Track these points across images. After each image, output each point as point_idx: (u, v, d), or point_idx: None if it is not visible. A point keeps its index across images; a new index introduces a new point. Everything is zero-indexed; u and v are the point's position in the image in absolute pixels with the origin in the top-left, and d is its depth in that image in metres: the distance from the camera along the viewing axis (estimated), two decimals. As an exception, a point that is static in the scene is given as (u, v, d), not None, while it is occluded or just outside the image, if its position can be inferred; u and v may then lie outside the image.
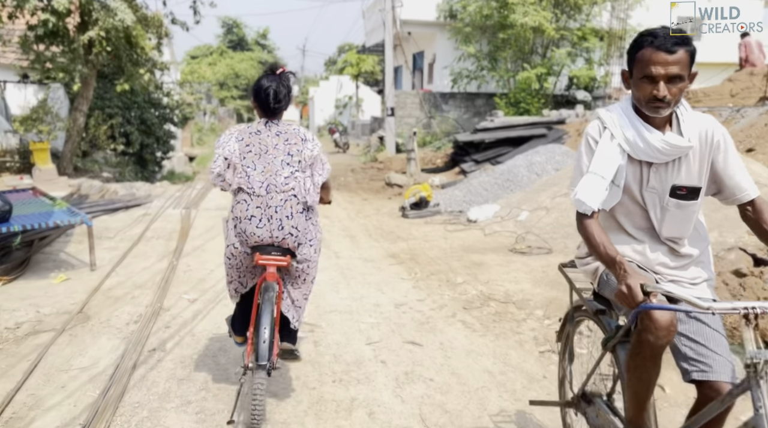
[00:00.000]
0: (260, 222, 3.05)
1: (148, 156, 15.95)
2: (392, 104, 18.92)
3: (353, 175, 15.40)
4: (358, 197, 11.83)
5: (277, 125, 3.20)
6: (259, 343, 2.85)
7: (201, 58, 54.30)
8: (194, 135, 30.68)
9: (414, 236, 8.00)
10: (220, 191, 3.41)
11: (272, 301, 2.98)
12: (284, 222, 3.06)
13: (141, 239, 7.66)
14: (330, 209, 10.16)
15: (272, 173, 3.07)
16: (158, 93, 16.82)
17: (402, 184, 12.50)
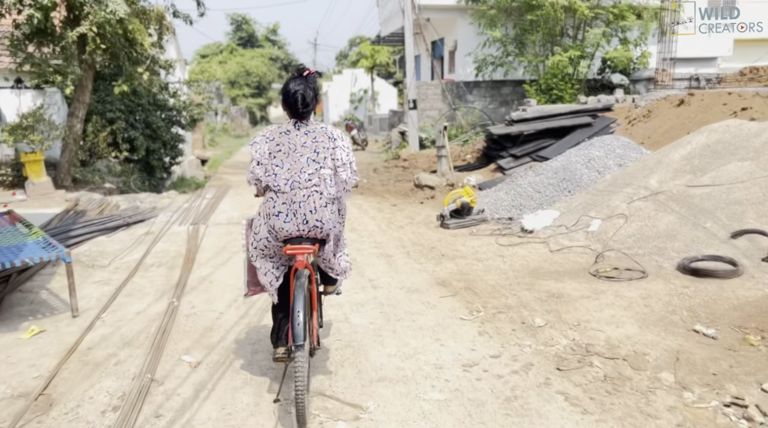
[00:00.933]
0: (287, 217, 3.26)
1: (155, 162, 14.81)
2: (414, 96, 17.58)
3: (377, 175, 14.11)
4: (386, 202, 10.54)
5: (306, 125, 3.41)
6: (294, 326, 3.02)
7: (211, 56, 53.34)
8: (206, 136, 29.60)
9: (461, 252, 6.70)
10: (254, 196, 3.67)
11: (304, 286, 3.15)
12: (308, 216, 3.25)
13: (139, 268, 6.45)
14: (357, 219, 8.89)
15: (297, 170, 3.28)
16: (164, 94, 15.65)
17: (433, 185, 11.18)
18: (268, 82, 52.57)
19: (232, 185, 13.49)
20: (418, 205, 10.12)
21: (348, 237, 7.64)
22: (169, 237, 8.06)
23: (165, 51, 15.11)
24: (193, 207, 10.38)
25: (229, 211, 10.00)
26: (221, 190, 12.56)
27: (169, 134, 15.34)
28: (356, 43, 73.11)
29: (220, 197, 11.53)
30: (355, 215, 9.30)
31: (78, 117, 11.49)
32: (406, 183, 12.41)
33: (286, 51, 58.04)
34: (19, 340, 4.45)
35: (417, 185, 11.43)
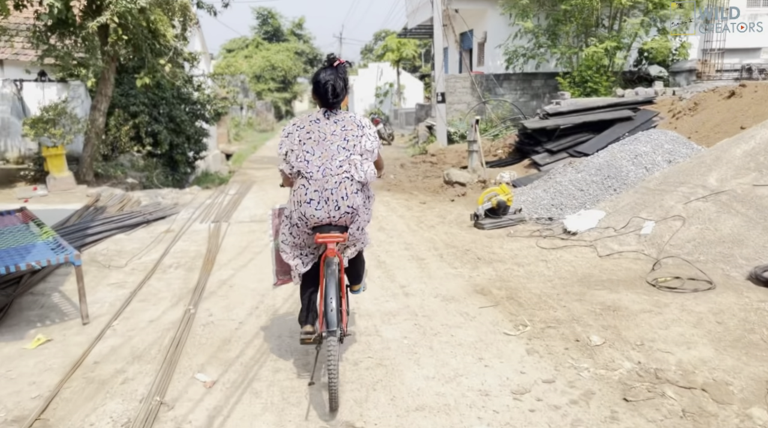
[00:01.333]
0: (318, 204, 3.30)
1: (179, 157, 14.54)
2: (442, 89, 17.03)
3: (404, 171, 13.63)
4: (415, 199, 10.05)
5: (336, 114, 3.44)
6: (327, 312, 3.10)
7: (237, 51, 53.30)
8: (231, 131, 29.41)
9: (499, 256, 6.19)
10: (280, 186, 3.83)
11: (335, 274, 3.23)
12: (340, 203, 3.30)
13: (156, 270, 6.09)
14: (385, 218, 8.44)
15: (328, 158, 3.31)
16: (188, 87, 15.37)
17: (464, 182, 10.65)
18: (294, 76, 52.36)
19: (256, 181, 13.13)
20: (448, 203, 9.62)
21: (376, 237, 7.20)
22: (189, 236, 7.71)
23: (188, 43, 14.82)
24: (215, 204, 10.04)
25: (252, 208, 9.62)
26: (245, 186, 12.21)
27: (192, 128, 15.06)
28: (381, 37, 72.45)
29: (244, 193, 11.17)
30: (382, 213, 8.85)
31: (100, 110, 11.23)
32: (435, 179, 11.91)
33: (312, 45, 57.74)
34: (24, 351, 4.10)
35: (447, 181, 10.92)
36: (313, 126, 3.41)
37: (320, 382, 3.48)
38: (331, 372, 3.03)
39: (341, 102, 3.47)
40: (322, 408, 3.21)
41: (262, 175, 14.43)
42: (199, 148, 15.56)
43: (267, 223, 3.82)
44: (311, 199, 3.29)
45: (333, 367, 3.03)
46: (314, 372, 3.53)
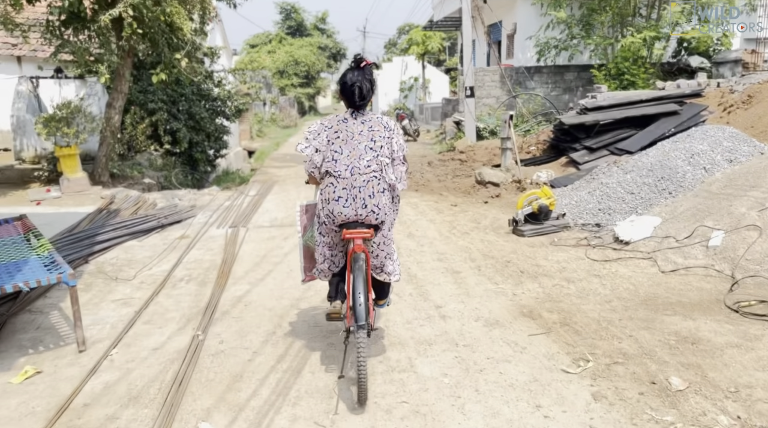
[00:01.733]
0: (346, 202, 3.35)
1: (199, 155, 14.09)
2: (471, 83, 16.30)
3: (431, 169, 12.99)
4: (445, 201, 9.41)
5: (363, 115, 3.52)
6: (356, 307, 3.15)
7: (260, 46, 53.05)
8: (253, 127, 29.02)
9: (545, 269, 5.54)
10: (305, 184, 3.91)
11: (362, 269, 3.26)
12: (367, 201, 3.35)
13: (166, 284, 5.57)
14: (414, 222, 7.82)
15: (356, 157, 3.38)
16: (208, 83, 14.91)
17: (498, 182, 9.97)
18: (317, 71, 51.90)
19: (278, 180, 12.61)
20: (481, 205, 8.96)
21: (405, 245, 6.60)
22: (204, 243, 7.19)
23: (207, 37, 14.35)
24: (234, 206, 9.53)
25: (273, 211, 9.08)
26: (266, 186, 11.69)
27: (213, 126, 14.60)
28: (405, 31, 71.65)
29: (264, 194, 10.65)
30: (410, 216, 8.23)
31: (116, 108, 10.80)
32: (466, 179, 11.24)
33: (335, 40, 57.23)
34: (8, 386, 3.59)
35: (479, 181, 10.25)
36: (341, 125, 3.48)
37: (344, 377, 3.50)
38: (360, 366, 3.07)
39: (368, 103, 3.53)
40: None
41: (284, 174, 13.90)
42: (219, 146, 15.11)
43: (295, 219, 3.95)
44: (339, 197, 3.35)
45: (362, 361, 3.07)
46: (343, 366, 3.60)
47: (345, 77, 3.48)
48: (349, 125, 3.46)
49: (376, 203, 3.36)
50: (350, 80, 3.44)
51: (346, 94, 3.47)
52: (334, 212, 3.36)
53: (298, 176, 13.33)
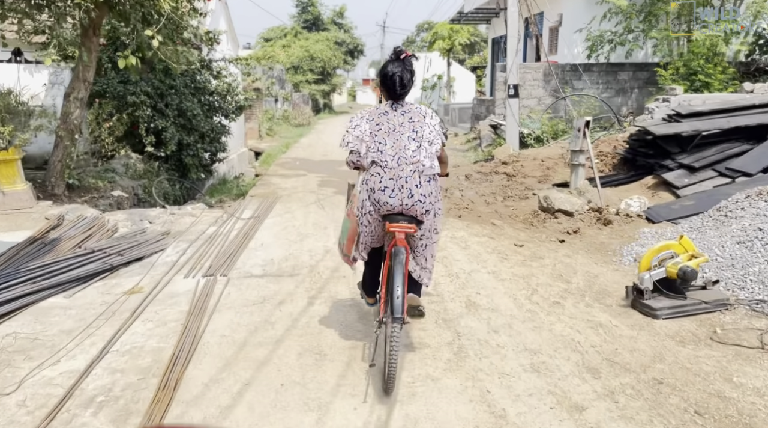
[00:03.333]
0: (392, 192, 3.38)
1: (189, 160, 11.70)
2: (516, 81, 13.78)
3: (472, 185, 10.49)
4: (504, 236, 6.92)
5: (402, 106, 3.55)
6: (393, 299, 3.16)
7: (275, 40, 50.80)
8: (263, 125, 26.63)
9: (741, 406, 3.05)
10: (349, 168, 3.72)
11: (402, 263, 3.29)
12: (413, 191, 3.38)
13: (57, 415, 3.14)
14: (471, 276, 5.34)
15: (401, 147, 3.42)
16: (204, 74, 12.53)
17: (571, 210, 7.46)
18: (333, 67, 49.50)
19: (282, 196, 10.16)
20: (557, 245, 6.47)
21: (468, 327, 4.18)
22: (159, 306, 4.76)
23: (205, 18, 11.96)
24: (219, 234, 7.11)
25: (269, 246, 6.63)
26: (265, 203, 9.25)
27: (209, 124, 12.20)
28: (424, 29, 69.20)
29: (261, 217, 8.21)
30: (462, 264, 5.77)
31: (77, 100, 8.41)
32: (522, 202, 8.75)
33: (353, 35, 54.79)
34: None
35: (545, 208, 7.75)
36: (382, 118, 3.52)
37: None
38: (392, 357, 3.13)
39: (408, 93, 3.57)
40: None
41: (291, 186, 11.45)
42: (216, 148, 12.70)
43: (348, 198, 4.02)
44: (386, 187, 3.39)
45: (395, 352, 3.13)
46: (374, 355, 3.57)
47: (386, 68, 3.53)
48: (390, 118, 3.52)
49: (423, 193, 3.39)
50: (391, 71, 3.49)
51: (387, 85, 3.52)
52: (380, 201, 3.41)
53: (306, 189, 10.87)
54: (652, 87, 17.05)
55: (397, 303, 3.12)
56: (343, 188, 11.07)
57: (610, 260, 5.86)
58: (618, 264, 5.74)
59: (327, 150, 18.59)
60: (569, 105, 15.37)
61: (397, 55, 3.52)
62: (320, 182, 11.82)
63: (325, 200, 9.59)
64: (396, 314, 3.11)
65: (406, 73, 3.47)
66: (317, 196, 10.06)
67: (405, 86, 3.49)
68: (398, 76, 3.45)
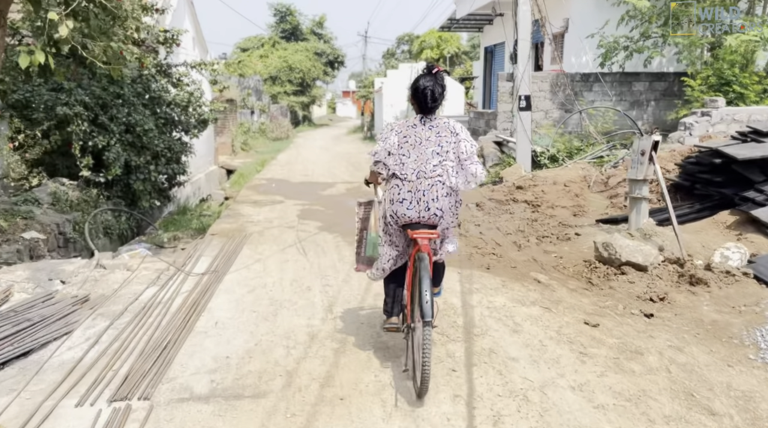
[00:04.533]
0: (410, 204, 3.54)
1: (140, 185, 9.51)
2: (527, 91, 11.89)
3: (489, 218, 8.49)
4: (561, 305, 4.90)
5: (431, 121, 3.66)
6: (422, 303, 3.21)
7: (252, 50, 48.74)
8: (237, 139, 24.43)
9: None
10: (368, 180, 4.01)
11: (428, 269, 3.35)
12: (430, 204, 3.52)
13: None
14: (525, 385, 3.25)
15: (423, 161, 3.55)
16: (160, 81, 10.39)
17: (643, 263, 5.47)
18: (313, 78, 47.54)
19: (252, 233, 8.01)
20: (643, 322, 4.47)
21: None
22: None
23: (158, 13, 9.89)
24: (157, 304, 4.97)
25: (227, 327, 4.49)
26: (229, 247, 7.12)
27: (165, 142, 10.05)
28: (405, 41, 67.60)
29: (222, 269, 6.07)
30: (520, 365, 3.75)
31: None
32: (563, 244, 6.76)
33: (333, 45, 52.91)
34: None
35: (605, 259, 5.74)
36: (410, 131, 3.64)
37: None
38: (425, 359, 3.15)
39: (439, 107, 3.67)
40: None
41: (264, 218, 9.30)
42: (174, 170, 10.52)
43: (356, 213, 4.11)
44: (404, 199, 3.54)
45: (427, 356, 3.15)
46: (407, 360, 3.53)
47: (417, 82, 3.63)
48: (418, 131, 3.62)
49: (439, 207, 3.52)
50: (422, 85, 3.60)
51: (419, 98, 3.63)
52: (398, 213, 3.56)
53: (283, 223, 8.75)
54: (670, 99, 15.34)
55: (426, 308, 3.18)
56: (329, 219, 8.99)
57: (743, 355, 3.87)
58: (762, 362, 3.75)
59: (308, 169, 16.48)
60: (585, 119, 13.53)
61: (429, 69, 3.67)
62: (301, 212, 9.70)
63: (307, 241, 7.49)
64: (426, 318, 3.17)
65: (437, 87, 3.61)
66: (297, 233, 7.96)
67: (436, 100, 3.64)
68: (430, 89, 3.59)
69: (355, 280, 5.65)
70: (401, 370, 3.61)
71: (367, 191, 4.16)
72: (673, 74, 15.27)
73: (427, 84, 3.57)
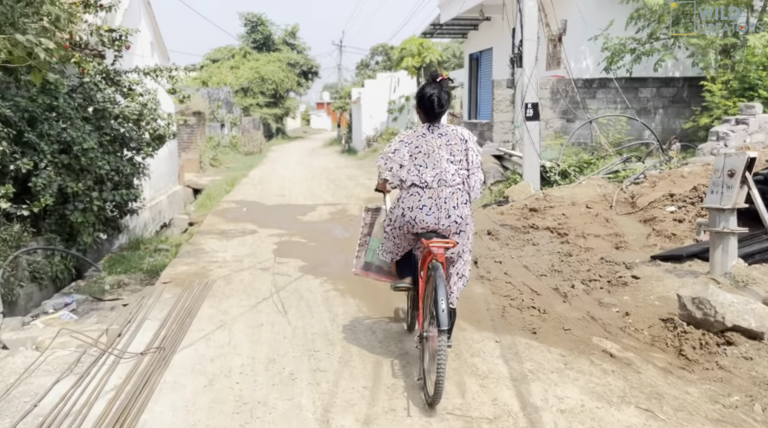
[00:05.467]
0: (430, 210, 3.57)
1: (79, 216, 7.75)
2: (535, 98, 10.45)
3: (508, 250, 6.94)
4: (663, 401, 3.36)
5: (439, 128, 3.69)
6: (438, 312, 3.16)
7: (222, 61, 46.90)
8: (206, 154, 22.59)
9: None
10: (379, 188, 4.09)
11: (443, 277, 3.33)
12: (451, 212, 3.56)
13: None
14: None
15: (441, 169, 3.57)
16: (104, 89, 8.66)
17: (759, 329, 3.96)
18: (286, 90, 45.84)
19: (216, 280, 6.30)
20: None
21: None
22: None
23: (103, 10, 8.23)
24: (64, 416, 3.28)
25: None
26: (184, 303, 5.41)
27: (111, 163, 8.30)
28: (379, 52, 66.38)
29: (171, 344, 4.36)
30: None
31: None
32: (621, 291, 5.23)
33: (306, 56, 51.32)
34: None
35: (696, 320, 4.20)
36: (420, 140, 3.65)
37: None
38: (440, 368, 3.11)
39: (444, 113, 3.70)
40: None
41: (232, 256, 7.59)
42: (124, 196, 8.75)
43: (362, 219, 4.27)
44: (424, 205, 3.56)
45: (442, 365, 3.11)
46: (420, 369, 3.53)
47: (423, 90, 3.66)
48: (428, 140, 3.63)
49: (460, 214, 3.57)
50: (428, 92, 3.62)
51: (425, 105, 3.65)
52: (416, 219, 3.58)
53: (256, 263, 7.05)
54: (679, 106, 14.11)
55: (442, 316, 3.14)
56: (313, 257, 7.34)
57: None
58: None
59: (284, 188, 14.78)
60: (596, 129, 12.15)
61: (434, 78, 3.70)
62: (278, 246, 8.02)
63: (287, 290, 5.83)
64: (442, 327, 3.14)
65: (443, 94, 3.64)
66: (273, 277, 6.29)
67: (442, 106, 3.65)
68: (436, 96, 3.61)
69: (357, 358, 4.03)
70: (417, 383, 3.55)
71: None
72: (681, 79, 14.05)
73: (433, 91, 3.62)
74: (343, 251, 7.24)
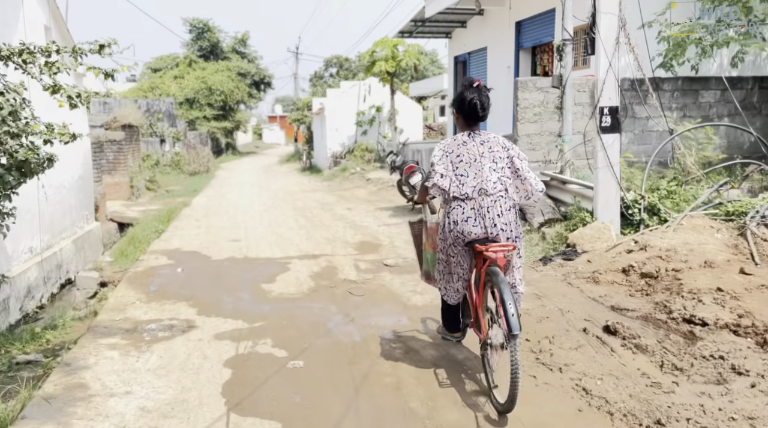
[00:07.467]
0: (475, 221, 3.54)
1: None
2: (615, 102, 7.15)
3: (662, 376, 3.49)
4: None
5: (480, 135, 3.68)
6: (508, 316, 3.15)
7: (165, 70, 42.40)
8: (139, 176, 18.43)
9: None
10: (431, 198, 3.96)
11: (506, 281, 3.34)
12: (496, 220, 3.52)
13: None
14: None
15: (482, 178, 3.55)
16: None
17: None
18: (236, 101, 41.74)
19: None
20: None
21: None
22: None
23: None
24: None
25: None
26: None
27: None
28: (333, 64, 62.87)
29: None
30: None
31: None
32: None
33: (258, 65, 47.35)
34: None
35: None
36: (461, 149, 3.63)
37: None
38: (514, 373, 3.09)
39: (487, 117, 3.68)
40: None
41: (141, 413, 3.89)
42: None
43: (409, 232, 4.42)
44: (468, 217, 3.54)
45: (516, 369, 3.09)
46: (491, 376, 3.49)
47: (463, 95, 3.64)
48: (470, 148, 3.61)
49: (506, 222, 3.53)
50: (469, 97, 3.60)
51: (466, 110, 3.64)
52: (464, 232, 3.55)
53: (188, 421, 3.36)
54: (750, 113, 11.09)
55: (513, 321, 3.13)
56: (302, 410, 3.68)
57: None
58: None
59: (238, 224, 10.95)
60: (680, 146, 8.90)
61: (470, 83, 3.66)
62: (233, 373, 4.26)
63: None
64: (514, 332, 3.12)
65: (483, 97, 3.61)
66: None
67: (485, 109, 3.63)
68: (477, 99, 3.58)
69: None
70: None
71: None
72: (752, 79, 11.08)
73: (473, 95, 3.60)
74: (363, 385, 3.66)
